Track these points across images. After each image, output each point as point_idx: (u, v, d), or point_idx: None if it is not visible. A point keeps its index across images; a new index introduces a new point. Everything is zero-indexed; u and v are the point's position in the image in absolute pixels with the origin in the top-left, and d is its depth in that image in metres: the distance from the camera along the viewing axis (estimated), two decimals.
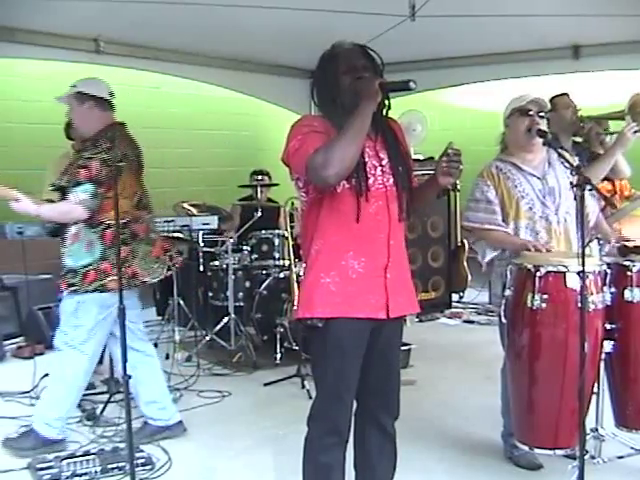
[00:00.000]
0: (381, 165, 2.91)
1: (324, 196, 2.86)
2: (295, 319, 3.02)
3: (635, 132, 4.47)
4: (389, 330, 2.99)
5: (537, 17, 6.14)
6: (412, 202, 3.03)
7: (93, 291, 4.26)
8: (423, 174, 8.40)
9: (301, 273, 5.30)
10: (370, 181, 2.85)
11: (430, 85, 8.12)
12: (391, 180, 2.93)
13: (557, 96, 4.97)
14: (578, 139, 4.99)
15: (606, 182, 4.97)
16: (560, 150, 3.60)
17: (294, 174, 2.93)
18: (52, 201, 5.59)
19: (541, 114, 3.86)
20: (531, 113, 3.86)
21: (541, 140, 3.71)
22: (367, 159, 2.85)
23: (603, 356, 3.67)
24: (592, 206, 4.01)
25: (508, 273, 3.64)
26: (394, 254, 2.93)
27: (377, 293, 2.89)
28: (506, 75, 7.78)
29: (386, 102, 2.90)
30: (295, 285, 5.71)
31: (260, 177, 7.30)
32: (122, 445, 4.20)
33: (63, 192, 4.27)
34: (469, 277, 8.49)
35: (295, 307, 5.17)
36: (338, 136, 2.70)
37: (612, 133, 4.89)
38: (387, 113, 2.96)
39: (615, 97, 5.70)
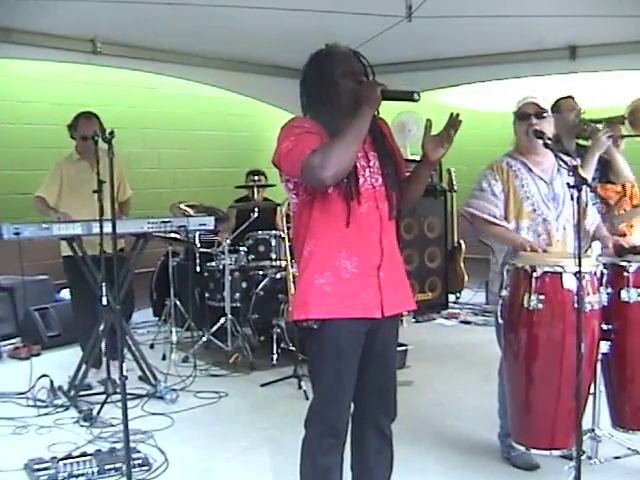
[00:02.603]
0: (369, 166, 2.92)
1: (314, 198, 2.86)
2: (291, 321, 3.01)
3: (609, 137, 4.51)
4: (385, 331, 2.99)
5: (534, 18, 6.16)
6: (406, 195, 3.03)
7: None
8: None
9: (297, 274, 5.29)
10: (360, 182, 2.86)
11: (427, 85, 8.12)
12: (380, 180, 2.93)
13: (562, 98, 4.99)
14: (582, 142, 4.99)
15: (610, 185, 4.98)
16: (558, 152, 3.60)
17: (284, 176, 2.92)
18: (44, 200, 5.60)
19: (543, 115, 3.85)
20: (528, 115, 3.85)
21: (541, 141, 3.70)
22: (356, 160, 2.84)
23: (600, 357, 3.67)
24: (592, 217, 4.00)
25: (505, 273, 3.65)
26: (387, 253, 2.93)
27: (371, 292, 2.89)
28: (503, 75, 7.79)
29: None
30: (292, 286, 5.70)
31: (256, 177, 7.30)
32: (119, 446, 4.20)
33: None
34: (466, 278, 8.49)
35: (290, 309, 5.16)
36: (337, 138, 2.69)
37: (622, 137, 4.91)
38: (377, 114, 2.94)
39: (612, 98, 5.71)
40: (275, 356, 6.09)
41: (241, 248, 6.69)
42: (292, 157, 2.76)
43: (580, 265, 2.98)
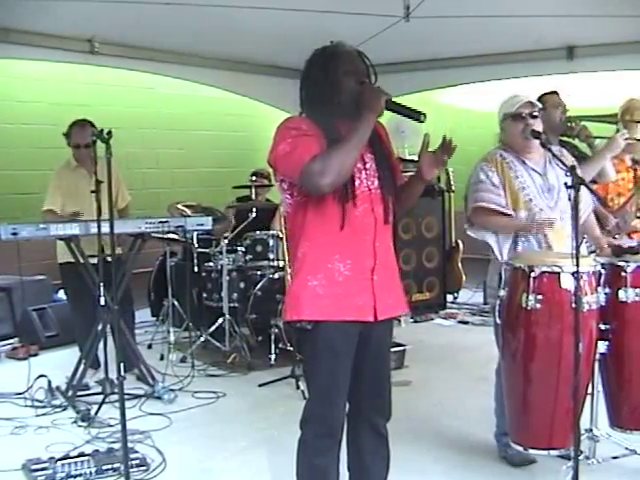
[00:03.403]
0: (365, 168, 2.90)
1: (309, 199, 2.84)
2: (284, 321, 3.01)
3: (626, 139, 4.49)
4: (379, 331, 2.98)
5: (532, 18, 6.17)
6: (399, 202, 3.03)
7: None
8: None
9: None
10: (355, 184, 2.84)
11: (425, 85, 8.16)
12: (376, 183, 2.91)
13: (547, 94, 4.95)
14: (566, 138, 4.98)
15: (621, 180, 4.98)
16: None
17: (279, 176, 2.91)
18: (54, 212, 5.58)
19: (535, 114, 3.86)
20: (524, 116, 3.86)
21: (538, 141, 3.71)
22: None
23: (597, 356, 3.68)
24: (586, 202, 3.99)
25: (503, 273, 3.65)
26: (381, 256, 2.91)
27: (364, 295, 2.88)
28: (501, 76, 7.81)
29: None
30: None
31: (254, 178, 7.29)
32: (117, 446, 4.20)
33: None
34: (464, 278, 8.50)
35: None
36: (338, 146, 2.69)
37: (600, 137, 4.89)
38: None
39: (609, 98, 5.70)
40: (273, 356, 6.09)
41: (239, 248, 6.70)
42: (290, 161, 2.75)
43: (578, 265, 2.99)
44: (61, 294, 7.17)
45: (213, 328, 6.46)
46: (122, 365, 3.47)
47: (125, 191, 5.98)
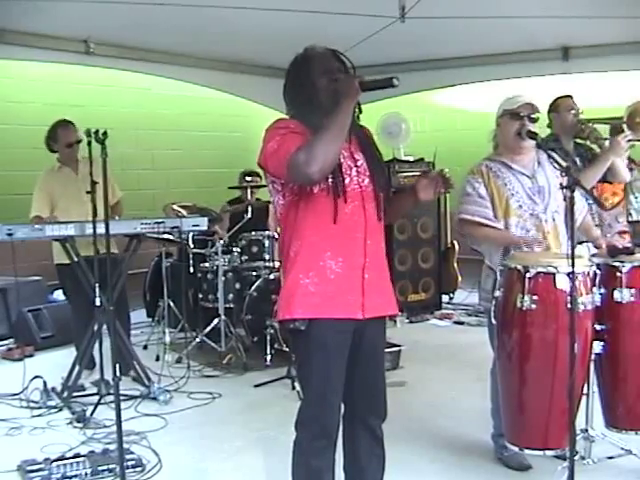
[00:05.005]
0: (356, 166, 2.93)
1: (300, 198, 2.86)
2: (277, 322, 3.02)
3: (629, 141, 4.50)
4: (372, 332, 2.99)
5: (527, 19, 6.18)
6: (388, 207, 3.05)
7: None
8: (413, 175, 8.43)
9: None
10: (346, 181, 2.86)
11: (420, 86, 8.16)
12: (366, 181, 2.94)
13: (560, 98, 5.00)
14: (580, 140, 5.00)
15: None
16: (550, 152, 3.60)
17: (270, 177, 2.93)
18: (40, 218, 5.58)
19: (533, 116, 3.86)
20: (522, 115, 3.86)
21: (532, 142, 3.72)
22: (342, 160, 2.86)
23: (593, 357, 3.68)
24: (580, 207, 4.00)
25: (498, 274, 3.65)
26: (371, 254, 2.93)
27: (354, 293, 2.89)
28: (496, 76, 7.82)
29: (358, 105, 2.89)
30: None
31: (250, 178, 7.28)
32: (112, 447, 4.19)
33: None
34: (459, 278, 8.51)
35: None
36: (320, 133, 2.70)
37: (607, 139, 4.89)
38: (359, 117, 2.95)
39: (604, 98, 5.72)
40: (268, 357, 6.09)
41: (234, 249, 6.69)
42: (278, 157, 2.76)
43: (573, 266, 2.99)
44: (56, 295, 7.18)
45: (209, 329, 6.46)
46: (118, 366, 3.47)
47: (116, 187, 5.98)
